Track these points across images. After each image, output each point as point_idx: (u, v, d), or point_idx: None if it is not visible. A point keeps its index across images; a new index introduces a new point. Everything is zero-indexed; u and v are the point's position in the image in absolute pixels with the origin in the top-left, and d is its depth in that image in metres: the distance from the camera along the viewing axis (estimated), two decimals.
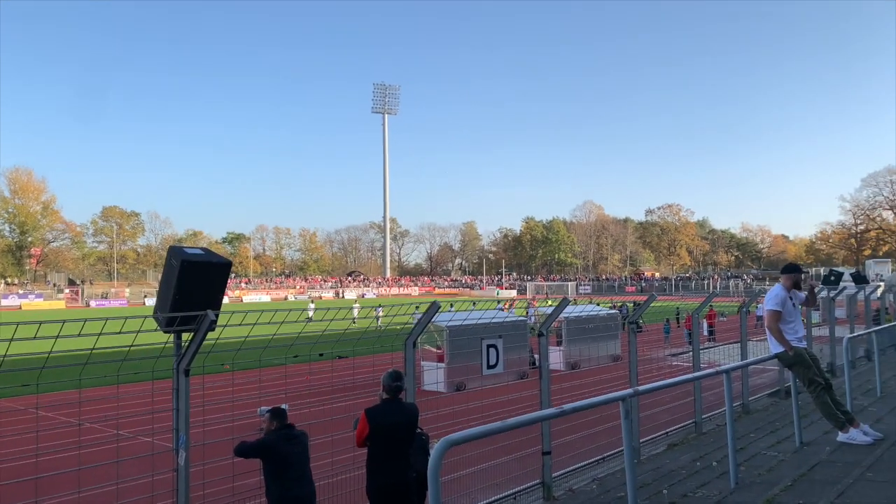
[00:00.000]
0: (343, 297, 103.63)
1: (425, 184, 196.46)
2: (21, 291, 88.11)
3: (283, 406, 5.81)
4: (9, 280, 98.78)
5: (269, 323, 5.28)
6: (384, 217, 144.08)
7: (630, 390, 5.03)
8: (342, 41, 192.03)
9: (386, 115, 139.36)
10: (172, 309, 4.75)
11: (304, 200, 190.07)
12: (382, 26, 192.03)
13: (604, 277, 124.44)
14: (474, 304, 20.98)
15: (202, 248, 5.11)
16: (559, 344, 22.91)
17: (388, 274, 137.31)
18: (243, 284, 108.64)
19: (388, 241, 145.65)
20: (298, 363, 17.49)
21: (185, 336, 5.01)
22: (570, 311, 23.31)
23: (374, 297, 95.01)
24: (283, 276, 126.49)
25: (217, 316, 4.84)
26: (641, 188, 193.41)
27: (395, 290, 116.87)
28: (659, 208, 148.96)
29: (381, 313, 34.66)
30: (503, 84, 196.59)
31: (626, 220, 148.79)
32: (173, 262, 4.82)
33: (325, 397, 11.50)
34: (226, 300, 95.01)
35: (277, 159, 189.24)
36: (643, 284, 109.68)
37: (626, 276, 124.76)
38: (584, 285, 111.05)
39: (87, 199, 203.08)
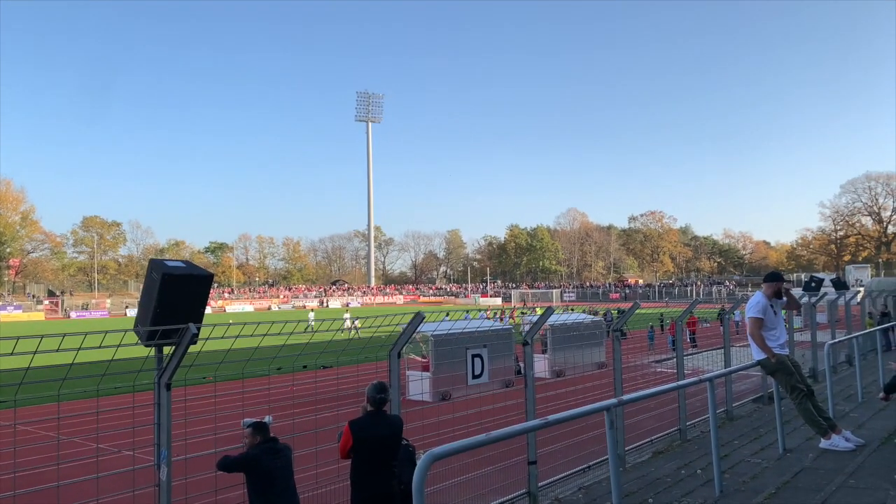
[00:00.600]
0: (327, 306, 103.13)
1: (410, 192, 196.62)
2: (0, 303, 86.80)
3: (267, 418, 5.74)
4: None
5: (251, 335, 5.23)
6: (368, 225, 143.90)
7: (614, 400, 5.04)
8: (326, 49, 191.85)
9: (370, 123, 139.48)
10: (153, 322, 4.69)
11: (287, 209, 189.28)
12: (366, 34, 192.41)
13: (588, 284, 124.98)
14: (475, 312, 20.97)
15: (183, 261, 5.06)
16: (544, 352, 22.95)
17: (373, 283, 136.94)
18: (226, 294, 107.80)
19: (373, 249, 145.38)
20: (282, 374, 17.36)
21: (167, 349, 4.95)
22: (555, 318, 23.40)
23: (359, 306, 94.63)
24: (266, 286, 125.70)
25: (199, 329, 4.79)
26: (625, 195, 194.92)
27: (379, 299, 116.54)
28: (642, 215, 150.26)
29: (357, 324, 35.79)
30: (487, 92, 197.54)
31: (609, 228, 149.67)
32: (154, 276, 4.76)
33: (309, 409, 11.41)
34: (209, 310, 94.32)
35: (260, 168, 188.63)
36: (627, 291, 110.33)
37: (610, 283, 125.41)
38: (569, 292, 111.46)
39: (68, 209, 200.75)
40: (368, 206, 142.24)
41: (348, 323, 37.34)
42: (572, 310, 30.73)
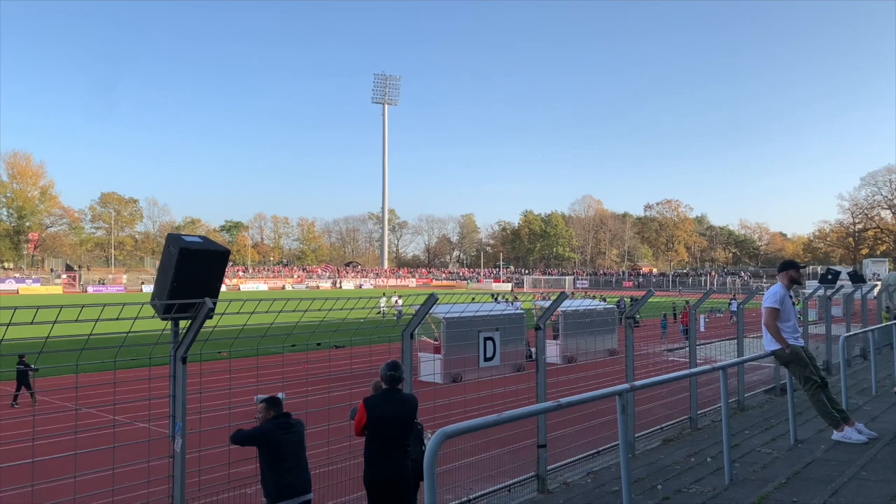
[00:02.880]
0: (341, 287, 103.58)
1: (424, 175, 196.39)
2: (18, 276, 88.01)
3: (280, 395, 5.80)
4: (6, 264, 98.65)
5: (267, 312, 5.27)
6: (383, 208, 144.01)
7: (627, 385, 5.03)
8: (343, 31, 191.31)
9: (386, 106, 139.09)
10: (170, 296, 4.73)
11: (302, 190, 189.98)
12: (385, 17, 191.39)
13: (602, 272, 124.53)
14: (497, 297, 21.04)
15: (200, 236, 5.08)
16: (556, 338, 22.95)
17: (386, 265, 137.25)
18: (240, 273, 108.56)
19: (387, 232, 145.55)
20: (296, 352, 17.51)
21: (183, 323, 5.00)
22: (568, 304, 23.38)
23: (371, 287, 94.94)
24: (280, 266, 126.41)
25: (215, 304, 4.83)
26: (641, 183, 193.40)
27: (392, 282, 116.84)
28: (658, 204, 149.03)
29: (399, 303, 36.05)
30: (504, 79, 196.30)
31: (624, 215, 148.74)
32: (171, 250, 4.79)
33: (323, 386, 11.52)
34: (223, 288, 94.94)
35: (277, 148, 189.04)
36: (641, 280, 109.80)
37: (623, 272, 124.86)
38: (582, 280, 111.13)
39: (86, 185, 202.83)
40: (383, 189, 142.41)
41: (384, 305, 38.07)
42: (585, 295, 30.70)
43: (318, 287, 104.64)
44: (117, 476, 5.29)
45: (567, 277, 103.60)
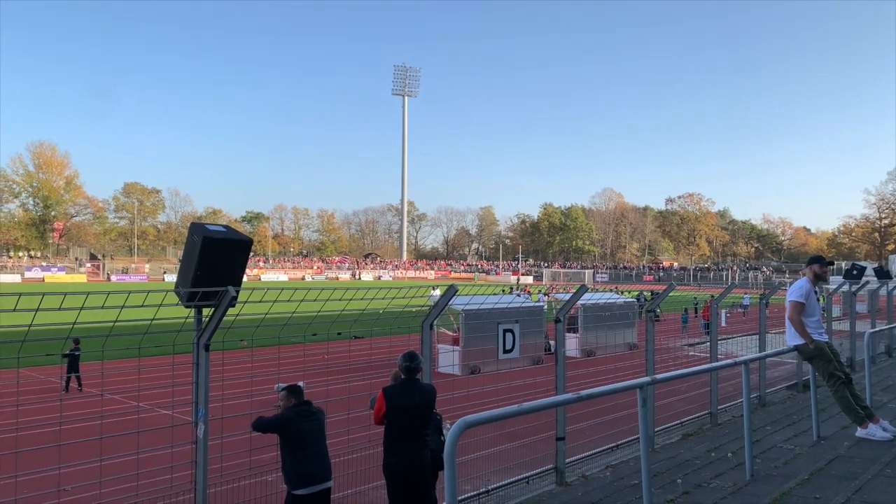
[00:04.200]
0: (360, 278, 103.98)
1: (444, 167, 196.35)
2: (44, 264, 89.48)
3: (300, 384, 5.85)
4: (32, 253, 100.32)
5: (288, 301, 5.31)
6: (402, 200, 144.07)
7: (647, 378, 5.00)
8: (363, 22, 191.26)
9: (406, 98, 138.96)
10: (194, 284, 4.78)
11: (322, 182, 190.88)
12: (403, 9, 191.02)
13: (622, 266, 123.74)
14: (519, 289, 21.03)
15: (224, 226, 5.13)
16: (575, 331, 22.86)
17: (405, 257, 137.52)
18: (261, 263, 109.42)
19: (406, 223, 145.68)
20: (317, 342, 17.62)
21: (206, 311, 5.05)
22: (588, 298, 23.28)
23: (391, 279, 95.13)
24: (300, 256, 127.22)
25: (238, 292, 4.88)
26: (662, 176, 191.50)
27: (411, 273, 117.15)
28: (679, 197, 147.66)
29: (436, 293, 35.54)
30: (524, 70, 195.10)
31: (645, 209, 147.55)
32: (195, 238, 4.84)
33: (343, 376, 11.59)
34: (245, 279, 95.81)
35: (297, 140, 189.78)
36: (661, 274, 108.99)
37: (644, 265, 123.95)
38: (602, 273, 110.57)
39: (110, 175, 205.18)
40: (402, 181, 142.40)
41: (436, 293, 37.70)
42: (604, 289, 30.55)
43: (337, 278, 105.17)
44: (141, 461, 5.38)
45: (587, 271, 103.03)
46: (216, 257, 4.87)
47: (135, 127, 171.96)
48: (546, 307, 24.03)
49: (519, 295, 36.10)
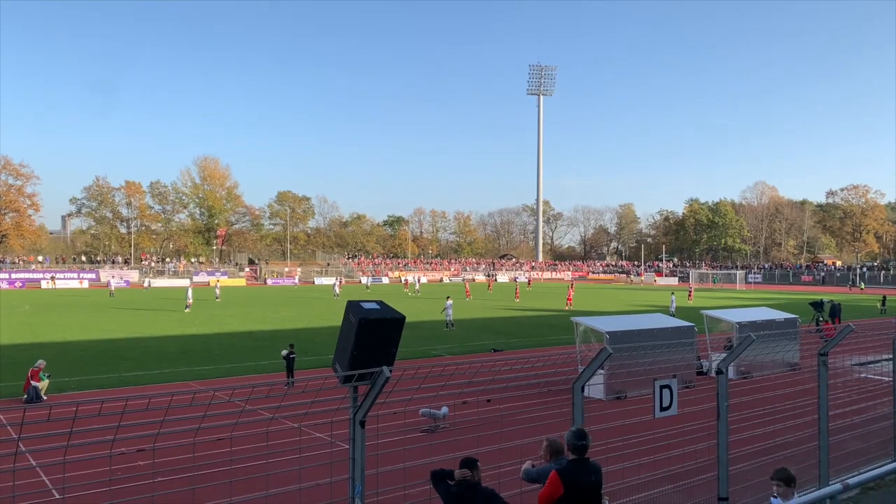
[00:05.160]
0: (496, 280, 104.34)
1: (579, 165, 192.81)
2: (209, 269, 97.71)
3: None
4: (200, 259, 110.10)
5: (439, 375, 5.27)
6: (537, 199, 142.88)
7: (838, 485, 4.44)
8: (498, 24, 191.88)
9: (541, 97, 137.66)
10: (350, 365, 4.89)
11: (459, 184, 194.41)
12: (537, 8, 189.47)
13: (777, 265, 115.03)
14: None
15: (378, 302, 5.21)
16: (728, 348, 21.43)
17: (541, 257, 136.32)
18: (402, 266, 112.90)
19: (541, 223, 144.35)
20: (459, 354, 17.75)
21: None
22: (744, 316, 21.74)
23: (525, 280, 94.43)
24: (437, 258, 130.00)
25: (391, 371, 4.92)
26: (821, 168, 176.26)
27: (547, 274, 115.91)
28: (842, 190, 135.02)
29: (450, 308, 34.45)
30: (663, 61, 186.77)
31: (803, 203, 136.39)
32: (351, 319, 4.95)
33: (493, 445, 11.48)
34: (386, 280, 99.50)
35: (433, 144, 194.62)
36: (823, 273, 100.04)
37: (801, 264, 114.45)
38: (755, 273, 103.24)
39: (265, 185, 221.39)
40: (537, 180, 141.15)
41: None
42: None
43: (473, 280, 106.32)
44: None
45: (738, 271, 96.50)
46: (371, 336, 4.95)
47: (283, 139, 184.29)
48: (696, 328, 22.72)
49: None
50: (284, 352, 18.33)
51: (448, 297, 36.48)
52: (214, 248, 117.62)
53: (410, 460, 6.15)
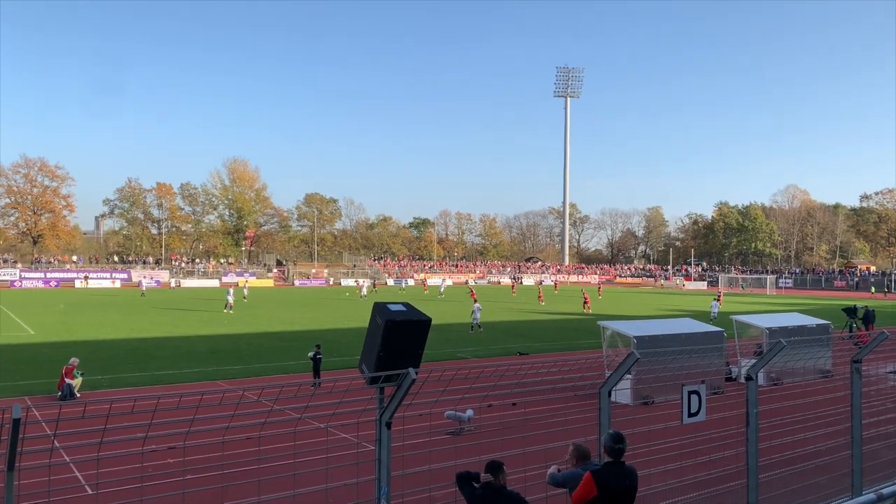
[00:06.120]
0: (521, 283, 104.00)
1: (607, 168, 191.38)
2: (239, 270, 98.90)
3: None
4: (229, 260, 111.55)
5: (465, 378, 5.28)
6: (564, 202, 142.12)
7: (871, 495, 4.36)
8: (525, 25, 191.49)
9: (568, 99, 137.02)
10: (377, 366, 4.94)
11: (485, 186, 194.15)
12: (561, 11, 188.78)
13: (808, 270, 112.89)
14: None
15: (405, 304, 5.25)
16: (758, 354, 21.09)
17: (567, 261, 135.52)
18: (427, 268, 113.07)
19: (567, 226, 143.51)
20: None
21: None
22: (773, 321, 21.39)
23: (552, 283, 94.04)
24: (463, 261, 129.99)
25: (417, 373, 4.95)
26: (855, 171, 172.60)
27: (574, 278, 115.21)
28: (877, 193, 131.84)
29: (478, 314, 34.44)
30: (694, 62, 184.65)
31: (836, 207, 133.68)
32: (378, 321, 5.00)
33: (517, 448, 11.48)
34: (410, 282, 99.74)
35: (460, 146, 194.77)
36: (857, 279, 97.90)
37: (834, 269, 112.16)
38: (785, 278, 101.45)
39: (292, 187, 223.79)
40: (564, 183, 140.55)
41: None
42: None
43: (499, 283, 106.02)
44: None
45: (768, 276, 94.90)
46: (398, 338, 5.00)
47: (311, 142, 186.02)
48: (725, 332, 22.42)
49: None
50: (311, 353, 18.57)
51: (475, 300, 36.57)
52: (243, 249, 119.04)
53: (436, 462, 6.16)
